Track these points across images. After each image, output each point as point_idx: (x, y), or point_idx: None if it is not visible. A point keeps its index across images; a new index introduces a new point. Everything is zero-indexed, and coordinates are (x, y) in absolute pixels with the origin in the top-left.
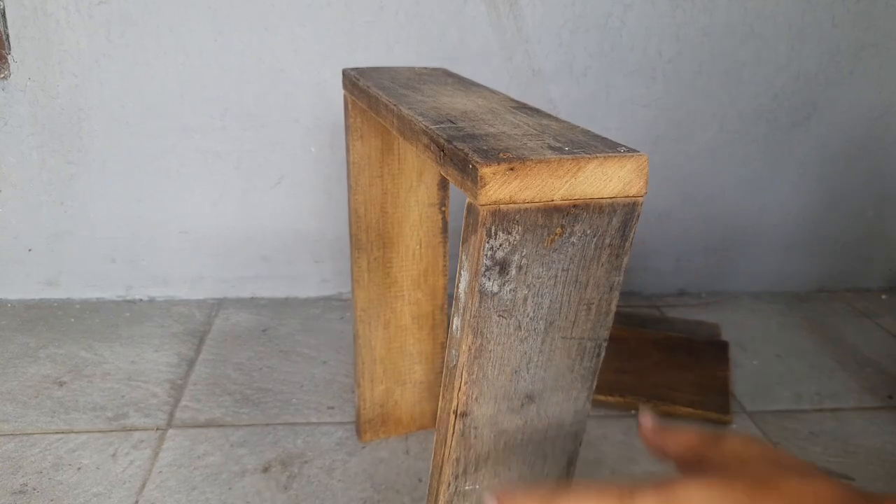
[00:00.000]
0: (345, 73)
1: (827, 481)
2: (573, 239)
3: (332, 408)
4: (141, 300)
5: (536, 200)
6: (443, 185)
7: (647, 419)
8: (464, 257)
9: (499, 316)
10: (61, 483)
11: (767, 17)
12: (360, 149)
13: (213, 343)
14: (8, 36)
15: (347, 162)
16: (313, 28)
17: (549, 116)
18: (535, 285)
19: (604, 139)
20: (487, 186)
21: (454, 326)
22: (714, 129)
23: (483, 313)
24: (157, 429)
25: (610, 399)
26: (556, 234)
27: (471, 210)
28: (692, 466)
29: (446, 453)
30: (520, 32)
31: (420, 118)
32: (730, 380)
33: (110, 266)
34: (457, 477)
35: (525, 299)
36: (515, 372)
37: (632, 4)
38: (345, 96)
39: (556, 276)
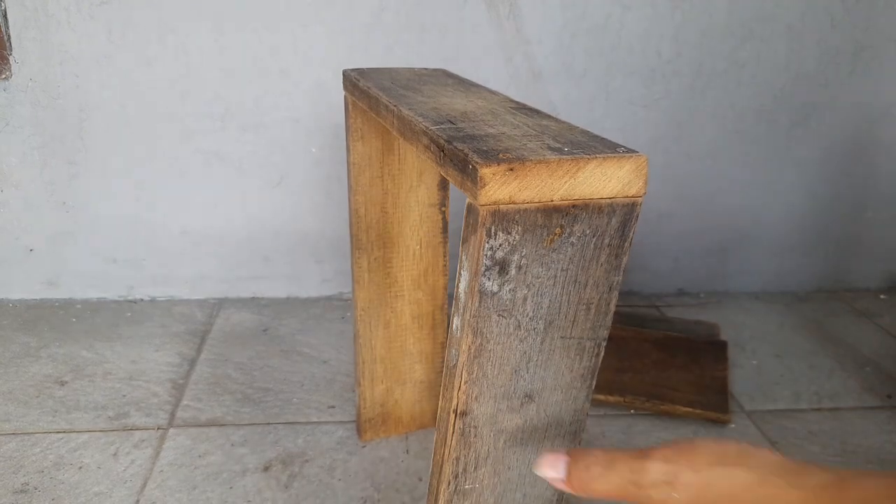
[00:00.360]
0: (345, 73)
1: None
2: (572, 239)
3: (333, 407)
4: (142, 300)
5: (536, 201)
6: (443, 185)
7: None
8: (464, 257)
9: (498, 315)
10: (62, 482)
11: (767, 19)
12: (361, 149)
13: (214, 343)
14: (9, 37)
15: (348, 162)
16: (314, 29)
17: (548, 117)
18: (534, 285)
19: (603, 140)
20: (487, 187)
21: (454, 326)
22: (714, 130)
23: (483, 313)
24: (159, 428)
25: (609, 398)
26: (555, 234)
27: (471, 210)
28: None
29: (446, 452)
30: (519, 33)
31: (420, 119)
32: (728, 379)
33: (111, 266)
34: (457, 476)
35: (524, 299)
36: (515, 371)
37: (631, 6)
38: (345, 97)
39: (556, 276)
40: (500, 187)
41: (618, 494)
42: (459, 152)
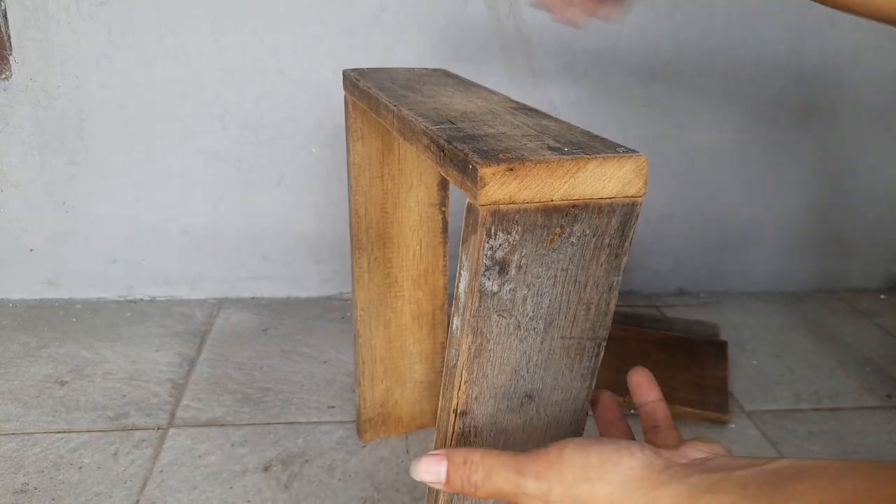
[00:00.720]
0: (345, 73)
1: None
2: (572, 239)
3: (333, 407)
4: (142, 300)
5: (536, 201)
6: (443, 185)
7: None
8: (464, 257)
9: (498, 315)
10: (62, 482)
11: (767, 18)
12: (361, 149)
13: (214, 343)
14: (9, 37)
15: (348, 162)
16: (314, 29)
17: (548, 117)
18: (534, 285)
19: (603, 140)
20: (487, 187)
21: (454, 326)
22: (714, 130)
23: (483, 313)
24: (159, 428)
25: None
26: (555, 234)
27: (471, 210)
28: None
29: None
30: (519, 33)
31: (420, 119)
32: (728, 379)
33: (111, 266)
34: None
35: (524, 299)
36: (515, 371)
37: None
38: (345, 97)
39: (556, 276)
40: (500, 187)
41: (499, 497)
42: (459, 152)
